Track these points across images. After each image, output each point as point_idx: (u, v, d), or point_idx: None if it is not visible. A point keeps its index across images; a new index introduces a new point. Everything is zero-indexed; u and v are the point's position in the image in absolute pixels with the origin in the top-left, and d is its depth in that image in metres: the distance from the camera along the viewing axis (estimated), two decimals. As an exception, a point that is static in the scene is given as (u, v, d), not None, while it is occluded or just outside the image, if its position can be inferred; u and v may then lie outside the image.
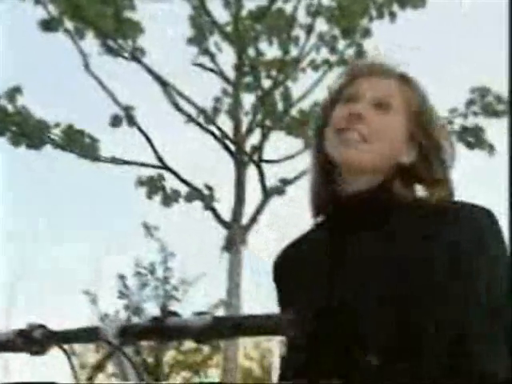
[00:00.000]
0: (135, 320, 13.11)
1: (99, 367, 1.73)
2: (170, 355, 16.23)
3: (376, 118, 1.91)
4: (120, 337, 1.67)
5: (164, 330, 1.62)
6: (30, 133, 11.31)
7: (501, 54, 9.84)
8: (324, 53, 11.92)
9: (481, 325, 1.63)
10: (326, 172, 2.01)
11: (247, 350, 18.42)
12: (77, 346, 1.81)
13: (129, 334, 1.67)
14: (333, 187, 1.97)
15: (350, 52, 11.81)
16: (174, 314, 1.63)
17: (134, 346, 1.72)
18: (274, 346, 17.71)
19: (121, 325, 1.68)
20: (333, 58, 11.86)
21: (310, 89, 12.00)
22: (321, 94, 11.65)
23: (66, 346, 1.76)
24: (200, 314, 1.60)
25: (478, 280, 1.65)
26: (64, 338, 1.76)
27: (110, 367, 1.81)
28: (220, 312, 18.72)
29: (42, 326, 1.76)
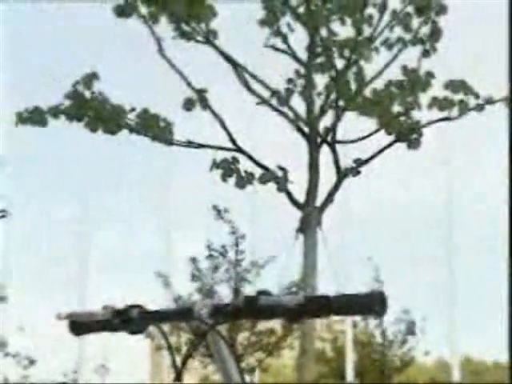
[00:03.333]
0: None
1: (195, 346, 1.75)
2: (243, 336, 16.30)
3: None
4: (213, 316, 1.68)
5: (256, 309, 1.64)
6: (106, 118, 11.48)
7: None
8: (398, 31, 11.77)
9: None
10: None
11: (320, 331, 18.40)
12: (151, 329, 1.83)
13: (222, 313, 1.68)
14: None
15: (425, 30, 11.64)
16: (266, 293, 1.65)
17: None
18: (347, 328, 17.65)
19: (214, 304, 1.70)
20: (407, 36, 11.71)
21: (383, 68, 11.87)
22: (395, 73, 11.52)
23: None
24: (291, 293, 1.61)
25: None
26: (159, 318, 1.79)
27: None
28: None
29: (138, 306, 1.78)
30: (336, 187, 11.71)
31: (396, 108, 11.82)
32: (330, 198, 11.69)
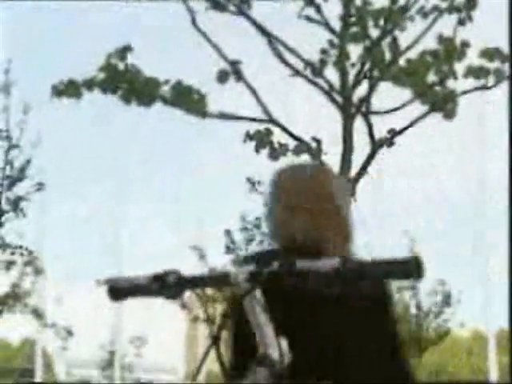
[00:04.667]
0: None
1: (231, 310, 1.75)
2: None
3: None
4: (250, 281, 1.70)
5: (293, 273, 1.65)
6: (140, 90, 11.51)
7: None
8: (433, -1, 11.62)
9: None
10: None
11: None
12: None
13: (258, 278, 1.69)
14: None
15: (461, -2, 11.48)
16: (300, 260, 1.65)
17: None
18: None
19: (251, 270, 1.71)
20: (443, 5, 11.56)
21: (418, 37, 11.74)
22: (430, 43, 11.38)
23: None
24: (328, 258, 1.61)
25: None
26: (196, 283, 1.80)
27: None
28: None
29: (175, 272, 1.79)
30: (370, 158, 11.66)
31: (431, 78, 11.69)
32: (363, 169, 11.65)
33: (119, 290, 1.81)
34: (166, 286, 1.78)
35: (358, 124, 11.82)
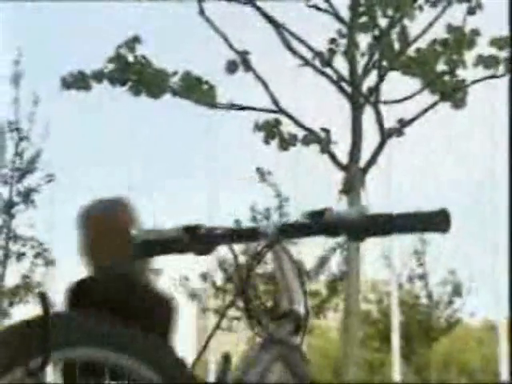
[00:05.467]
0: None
1: (259, 257, 1.72)
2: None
3: None
4: (279, 234, 1.69)
5: (322, 225, 1.64)
6: (149, 81, 11.52)
7: None
8: (442, -12, 11.55)
9: None
10: None
11: (365, 292, 18.42)
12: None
13: (287, 231, 1.68)
14: None
15: (470, -14, 11.41)
16: (329, 210, 1.65)
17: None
18: (392, 289, 17.65)
19: (279, 223, 1.70)
20: (452, -6, 11.50)
21: (427, 27, 11.69)
22: (439, 32, 11.34)
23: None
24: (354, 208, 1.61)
25: None
26: (227, 238, 1.77)
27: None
28: (335, 258, 18.77)
29: (202, 227, 1.78)
30: (379, 148, 11.64)
31: (440, 67, 11.65)
32: (373, 159, 11.63)
33: (150, 244, 1.78)
34: (197, 238, 1.76)
35: (367, 114, 11.80)
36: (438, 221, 1.58)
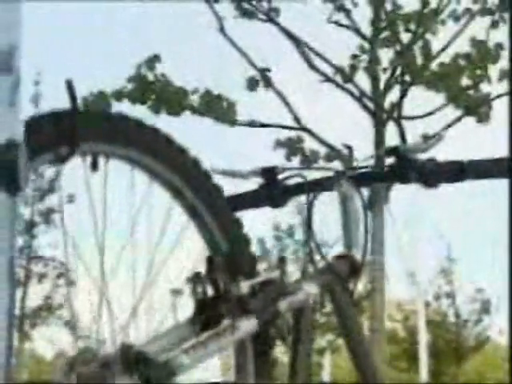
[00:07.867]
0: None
1: (321, 188, 1.69)
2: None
3: None
4: (353, 182, 1.70)
5: (393, 171, 1.65)
6: (169, 100, 11.45)
7: None
8: (465, 2, 11.41)
9: None
10: None
11: (391, 311, 18.19)
12: None
13: (358, 178, 1.70)
14: None
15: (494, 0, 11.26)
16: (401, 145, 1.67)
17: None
18: (419, 307, 17.38)
19: (352, 173, 1.72)
20: (475, 7, 11.34)
21: (450, 41, 11.54)
22: (463, 46, 11.17)
23: None
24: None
25: None
26: (304, 186, 1.74)
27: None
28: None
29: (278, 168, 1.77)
30: (403, 164, 11.48)
31: (464, 81, 11.48)
32: (397, 175, 11.47)
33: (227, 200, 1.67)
34: (274, 180, 1.73)
35: (390, 130, 11.65)
36: (504, 168, 1.62)
